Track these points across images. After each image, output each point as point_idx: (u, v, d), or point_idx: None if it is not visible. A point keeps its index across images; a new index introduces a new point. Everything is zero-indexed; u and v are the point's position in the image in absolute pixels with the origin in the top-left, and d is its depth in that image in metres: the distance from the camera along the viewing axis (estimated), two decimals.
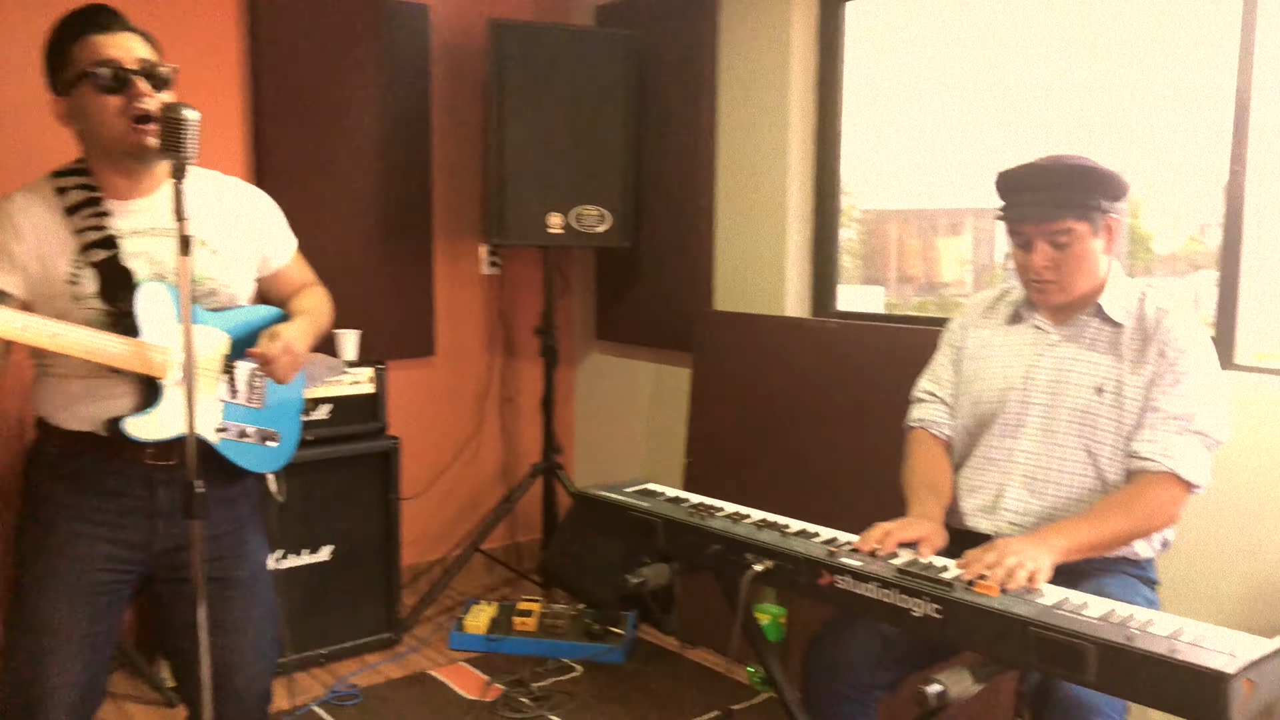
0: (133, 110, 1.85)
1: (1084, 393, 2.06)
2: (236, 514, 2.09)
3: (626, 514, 2.15)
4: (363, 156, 3.77)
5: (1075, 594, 1.68)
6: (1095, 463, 2.04)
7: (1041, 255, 2.04)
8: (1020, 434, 2.12)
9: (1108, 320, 2.08)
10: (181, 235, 1.78)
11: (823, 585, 1.80)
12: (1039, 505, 2.08)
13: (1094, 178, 2.00)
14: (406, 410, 3.98)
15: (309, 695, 3.20)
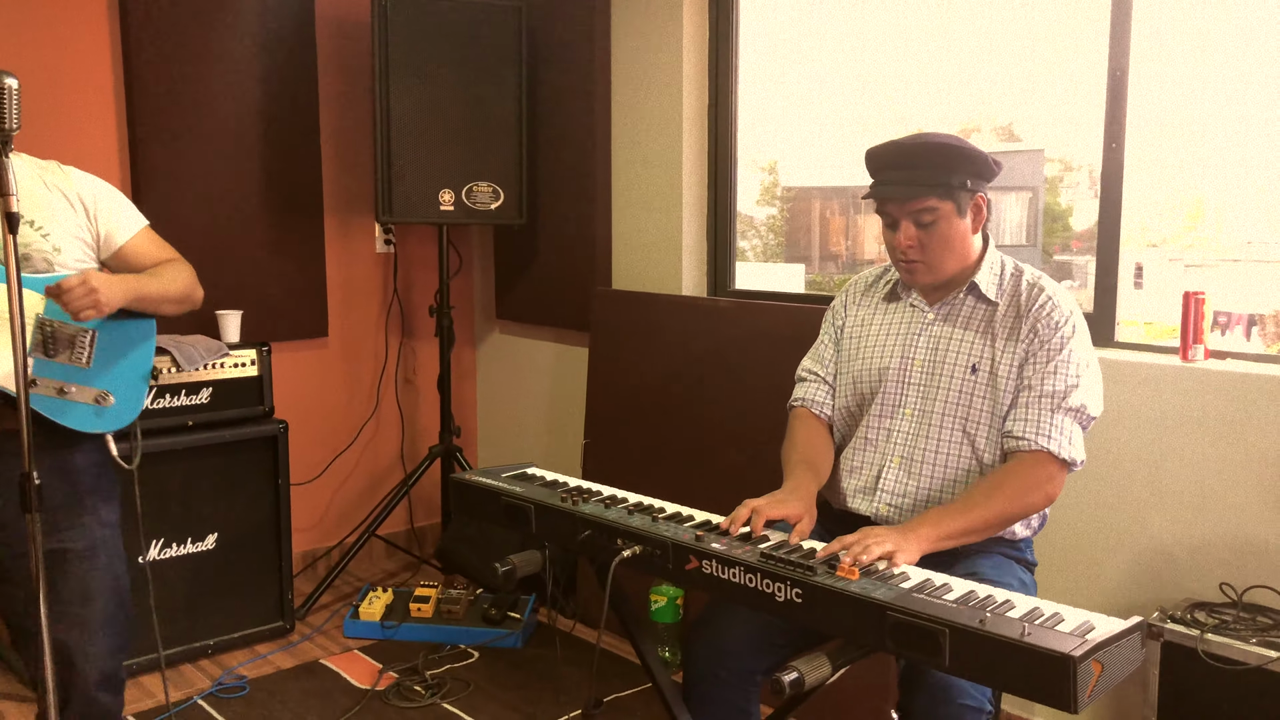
0: None
1: (959, 372, 2.05)
2: (73, 482, 2.05)
3: (500, 500, 2.10)
4: (245, 133, 3.62)
5: (939, 576, 1.67)
6: (972, 443, 2.04)
7: (906, 234, 2.02)
8: (898, 414, 2.11)
9: (982, 298, 2.07)
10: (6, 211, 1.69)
11: (690, 570, 1.77)
12: (915, 486, 2.08)
13: (958, 157, 1.98)
14: (299, 393, 3.87)
15: (195, 688, 3.10)
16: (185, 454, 3.19)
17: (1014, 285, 2.07)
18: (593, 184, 3.68)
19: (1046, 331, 1.99)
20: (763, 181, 3.79)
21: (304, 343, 3.88)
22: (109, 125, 3.40)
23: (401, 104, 3.46)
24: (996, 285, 2.07)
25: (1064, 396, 1.96)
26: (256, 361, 3.34)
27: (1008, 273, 2.09)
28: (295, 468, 3.82)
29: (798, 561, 1.65)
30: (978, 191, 2.01)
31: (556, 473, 2.25)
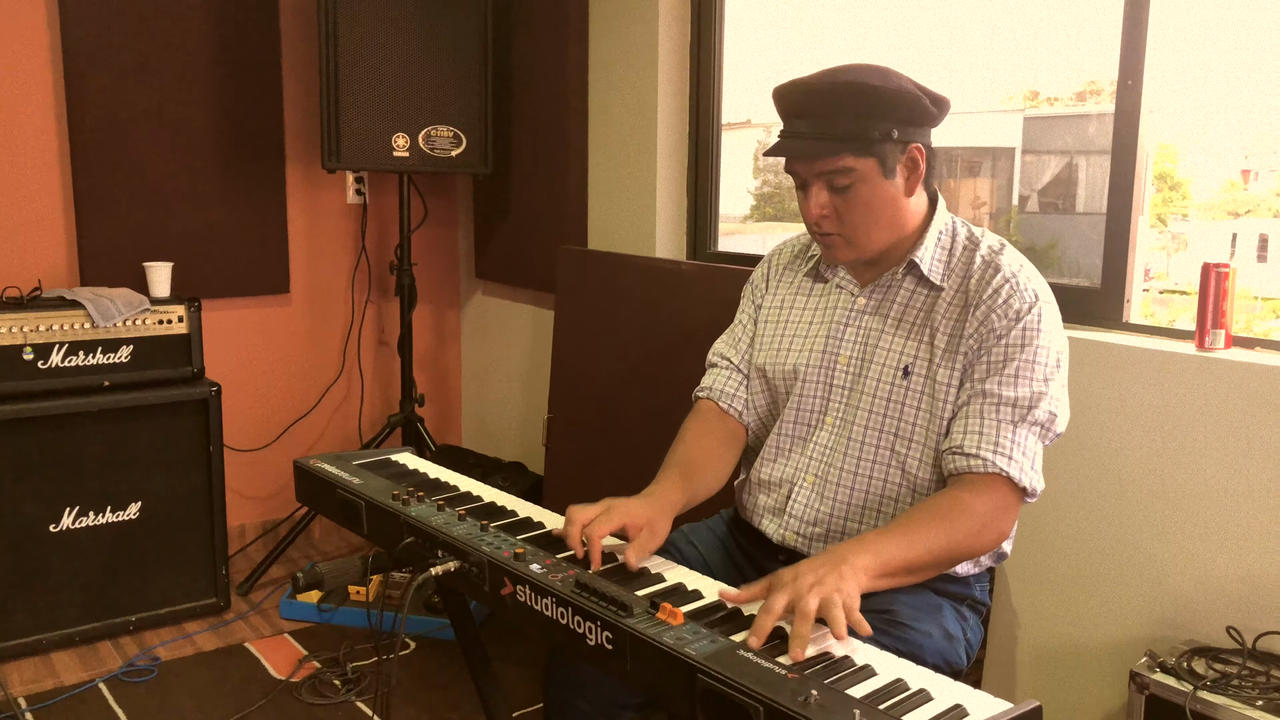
0: None
1: (888, 375, 1.63)
2: None
3: (335, 492, 1.78)
4: (195, 71, 3.35)
5: None
6: (902, 465, 1.63)
7: (817, 201, 1.59)
8: (818, 423, 1.71)
9: (923, 280, 1.65)
10: None
11: (505, 596, 1.42)
12: (828, 511, 1.67)
13: (878, 100, 1.53)
14: (253, 353, 3.61)
15: (104, 668, 2.88)
16: (103, 416, 2.95)
17: (966, 262, 1.63)
18: (564, 132, 3.31)
19: (1003, 323, 1.55)
20: None
21: (261, 299, 3.62)
22: (41, 48, 3.15)
23: (350, 36, 3.12)
24: (944, 263, 1.64)
25: (1029, 407, 1.52)
26: (185, 318, 3.07)
27: (959, 245, 1.65)
28: (249, 434, 3.59)
29: (613, 597, 1.28)
30: (911, 142, 1.57)
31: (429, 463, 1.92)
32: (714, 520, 1.91)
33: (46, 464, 2.88)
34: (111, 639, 3.05)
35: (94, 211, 3.24)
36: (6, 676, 2.78)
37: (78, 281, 3.26)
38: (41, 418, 2.85)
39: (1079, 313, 2.16)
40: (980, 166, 3.25)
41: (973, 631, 1.65)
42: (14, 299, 2.87)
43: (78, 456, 2.93)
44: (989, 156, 3.16)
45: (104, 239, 3.26)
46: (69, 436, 2.91)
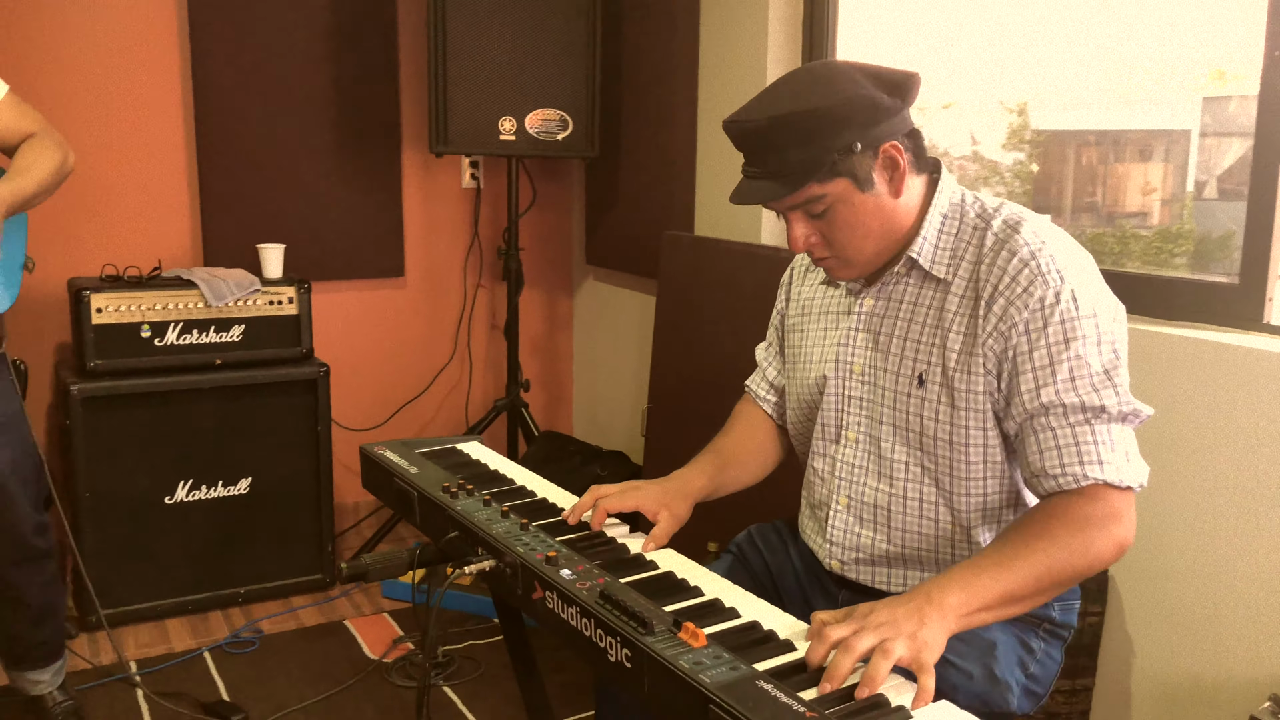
0: None
1: (902, 384, 1.47)
2: None
3: (393, 480, 1.75)
4: (315, 59, 3.40)
5: None
6: (935, 480, 1.46)
7: (799, 233, 1.44)
8: (842, 438, 1.57)
9: (927, 276, 1.47)
10: None
11: (535, 600, 1.35)
12: (870, 538, 1.53)
13: (822, 121, 1.35)
14: (367, 335, 3.67)
15: (211, 638, 2.97)
16: (215, 393, 3.04)
17: (975, 246, 1.43)
18: (672, 115, 3.22)
19: (1027, 314, 1.34)
20: (1010, 124, 3.17)
21: (376, 282, 3.67)
22: (170, 41, 3.25)
23: (459, 20, 3.11)
24: (949, 252, 1.44)
25: (1099, 408, 1.32)
26: (295, 299, 3.13)
27: (967, 227, 1.44)
28: (363, 414, 3.66)
29: (635, 611, 1.19)
30: (881, 142, 1.39)
31: (494, 454, 1.88)
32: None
33: (162, 438, 2.99)
34: (222, 609, 3.14)
35: (216, 195, 3.34)
36: (123, 640, 2.90)
37: (201, 262, 3.37)
38: (157, 393, 2.95)
39: (1212, 311, 1.94)
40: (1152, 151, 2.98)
41: (1042, 665, 1.48)
42: (134, 278, 2.98)
43: (191, 431, 3.03)
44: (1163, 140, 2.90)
45: (226, 222, 3.36)
46: (183, 412, 3.00)
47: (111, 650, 2.86)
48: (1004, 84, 2.86)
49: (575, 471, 3.26)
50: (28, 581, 2.37)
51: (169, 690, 2.65)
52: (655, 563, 1.40)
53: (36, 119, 2.18)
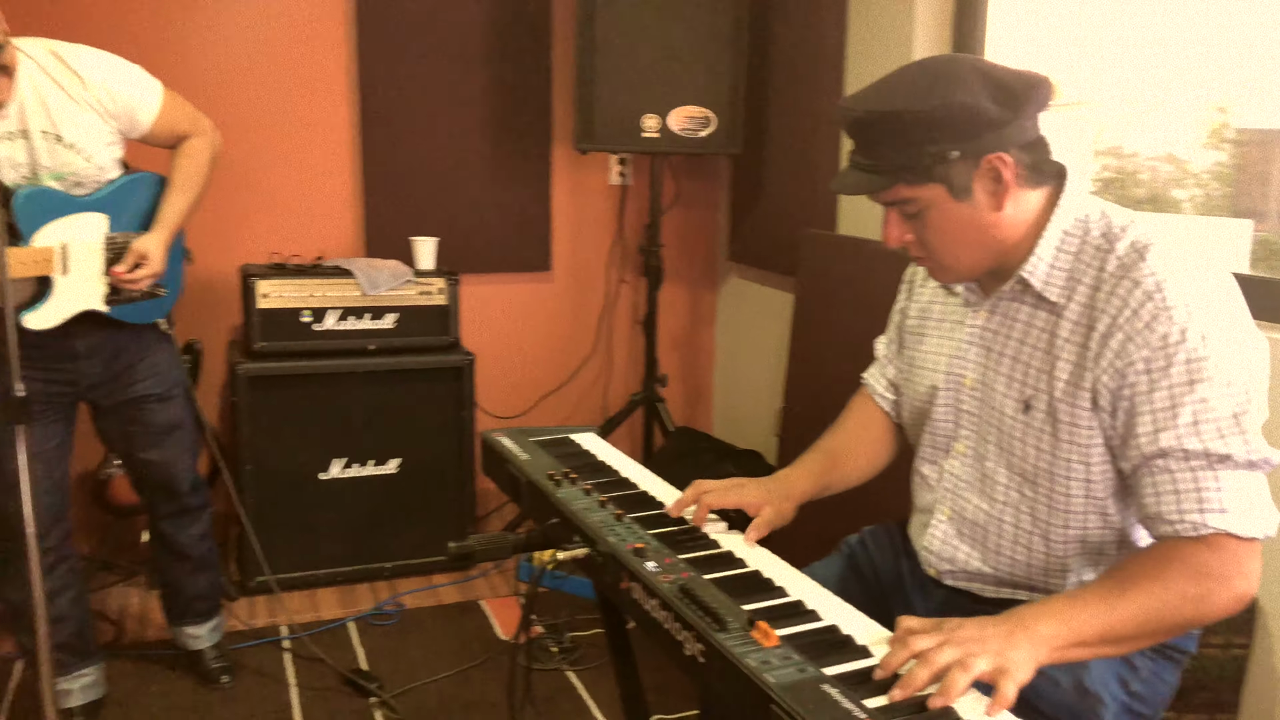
0: None
1: (1009, 407, 1.41)
2: (142, 346, 2.40)
3: (505, 466, 1.80)
4: (473, 57, 3.54)
5: None
6: (1032, 510, 1.40)
7: (894, 228, 1.40)
8: (948, 448, 1.52)
9: (1040, 299, 1.39)
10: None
11: (623, 589, 1.38)
12: (966, 555, 1.48)
13: (916, 125, 1.30)
14: (513, 326, 3.79)
15: (355, 609, 3.14)
16: (368, 377, 3.20)
17: (1095, 269, 1.33)
18: (817, 112, 3.18)
19: (1148, 353, 1.25)
20: (1212, 122, 3.02)
21: (523, 275, 3.78)
22: (339, 44, 3.44)
23: (607, 18, 3.17)
24: (1065, 274, 1.36)
25: (1225, 456, 1.22)
26: (445, 290, 3.26)
27: (1089, 246, 1.34)
28: (507, 402, 3.77)
29: (712, 608, 1.20)
30: (984, 154, 1.31)
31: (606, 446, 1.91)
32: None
33: (318, 417, 3.17)
34: (368, 582, 3.31)
35: (378, 190, 3.52)
36: (279, 605, 3.10)
37: (363, 253, 3.56)
38: (315, 375, 3.14)
39: None
40: None
41: (1148, 685, 1.39)
42: (298, 266, 3.17)
43: (346, 412, 3.20)
44: None
45: (385, 215, 3.53)
46: (339, 393, 3.18)
47: (265, 614, 3.06)
48: (1200, 81, 2.68)
49: (708, 469, 3.27)
50: (184, 533, 2.61)
51: (314, 655, 2.82)
52: (744, 561, 1.40)
53: (188, 116, 2.35)
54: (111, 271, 2.25)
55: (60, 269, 2.18)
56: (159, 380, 2.45)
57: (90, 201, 2.23)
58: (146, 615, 3.05)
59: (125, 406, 2.42)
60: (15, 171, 2.10)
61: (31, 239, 2.12)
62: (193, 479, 2.59)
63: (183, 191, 2.35)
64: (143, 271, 2.27)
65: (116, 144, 2.25)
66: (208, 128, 2.39)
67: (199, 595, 2.69)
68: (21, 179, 2.11)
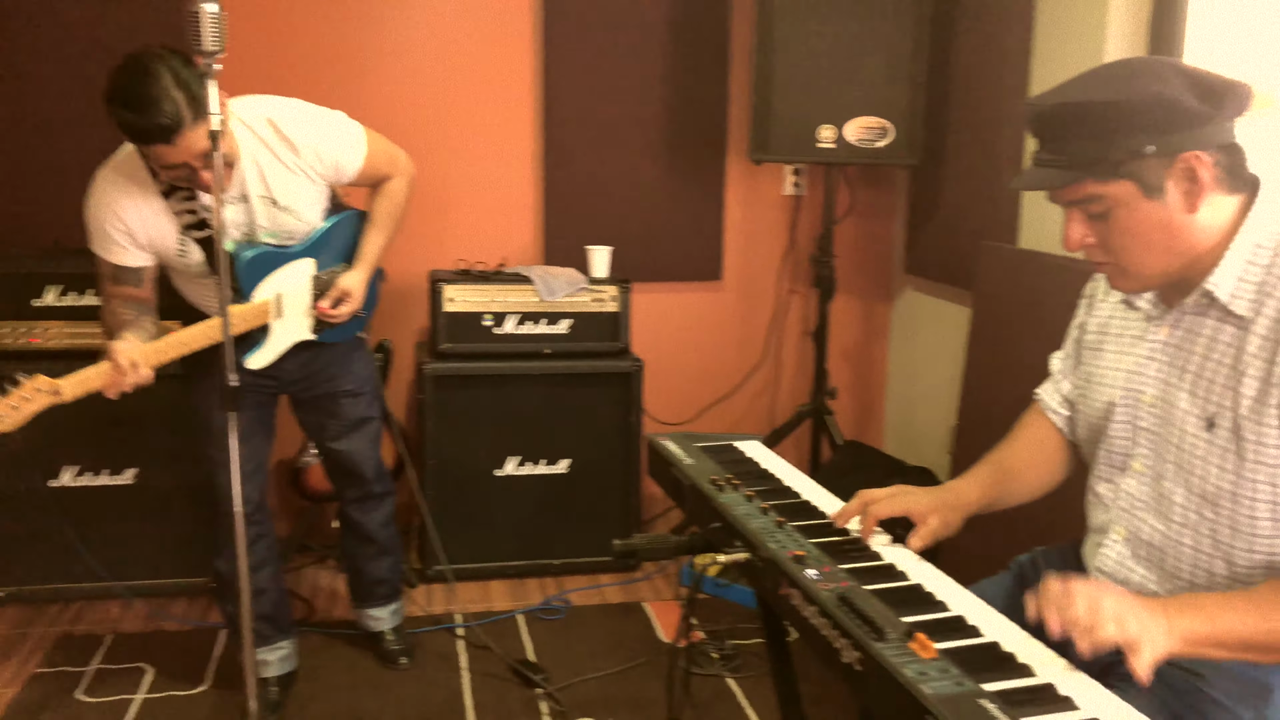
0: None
1: (1191, 424, 1.35)
2: (339, 351, 2.59)
3: (670, 469, 1.85)
4: (651, 70, 3.62)
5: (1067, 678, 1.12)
6: (1213, 533, 1.33)
7: (1076, 229, 1.36)
8: (1125, 465, 1.47)
9: (1227, 312, 1.32)
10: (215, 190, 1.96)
11: (782, 595, 1.40)
12: (1141, 578, 1.43)
13: (1111, 116, 1.26)
14: (682, 334, 3.84)
15: (524, 602, 3.26)
16: (542, 379, 3.32)
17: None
18: (999, 121, 3.10)
19: None
20: None
21: (693, 284, 3.83)
22: (525, 57, 3.59)
23: (783, 28, 3.18)
24: (1255, 287, 1.30)
25: None
26: (617, 298, 3.35)
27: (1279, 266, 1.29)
28: (674, 408, 3.83)
29: (870, 617, 1.20)
30: (1181, 152, 1.26)
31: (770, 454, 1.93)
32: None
33: (495, 417, 3.31)
34: (537, 577, 3.43)
35: (557, 199, 3.65)
36: (454, 594, 3.25)
37: (541, 261, 3.69)
38: (494, 375, 3.28)
39: None
40: None
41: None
42: (481, 272, 3.33)
43: (520, 412, 3.33)
44: None
45: (563, 224, 3.65)
46: (515, 394, 3.31)
47: (440, 602, 3.22)
48: None
49: (876, 485, 3.20)
50: (369, 519, 2.78)
51: (484, 644, 2.95)
52: (905, 574, 1.40)
53: (388, 158, 2.50)
54: (318, 307, 2.45)
55: (275, 315, 2.38)
56: (352, 378, 2.64)
57: (299, 251, 2.42)
58: (335, 596, 3.26)
59: (320, 400, 2.62)
60: (235, 231, 2.29)
61: (252, 295, 2.32)
62: (377, 468, 2.75)
63: (381, 230, 2.54)
64: (345, 307, 2.46)
65: (324, 196, 2.43)
66: (404, 166, 2.54)
67: (381, 579, 2.86)
68: (240, 238, 2.31)
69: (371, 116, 3.43)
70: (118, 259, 2.22)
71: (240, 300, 2.28)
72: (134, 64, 1.98)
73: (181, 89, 1.96)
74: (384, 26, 3.47)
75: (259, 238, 2.34)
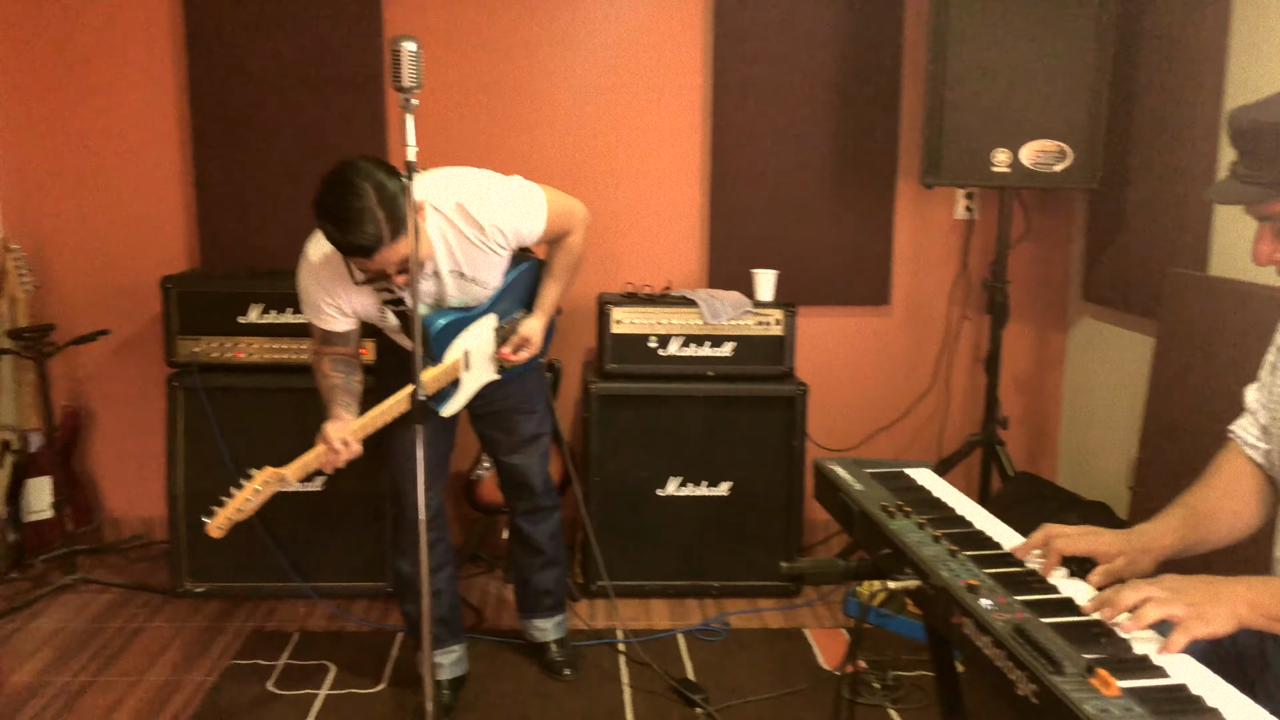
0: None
1: None
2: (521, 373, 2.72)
3: (838, 494, 1.85)
4: (821, 92, 3.62)
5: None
6: None
7: (1264, 245, 1.34)
8: None
9: None
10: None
11: (954, 625, 1.38)
12: None
13: None
14: (846, 359, 3.82)
15: (684, 622, 3.29)
16: (704, 401, 3.36)
17: None
18: (1187, 138, 2.96)
19: None
20: None
21: (859, 309, 3.80)
22: (694, 80, 3.66)
23: (957, 50, 3.13)
24: None
25: None
26: (782, 322, 3.36)
27: None
28: (837, 434, 3.81)
29: (1049, 650, 1.18)
30: None
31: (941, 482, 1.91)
32: None
33: (658, 437, 3.37)
34: (696, 598, 3.46)
35: (723, 223, 3.69)
36: (615, 610, 3.31)
37: (705, 284, 3.74)
38: (658, 397, 3.34)
39: None
40: None
41: None
42: (647, 296, 3.40)
43: (683, 434, 3.37)
44: None
45: (728, 247, 3.69)
46: (677, 415, 3.36)
47: (602, 617, 3.29)
48: None
49: (1050, 518, 3.05)
50: (537, 530, 2.89)
51: (645, 661, 2.99)
52: (1086, 609, 1.36)
53: (565, 215, 2.58)
54: (500, 352, 2.61)
55: (464, 369, 2.55)
56: (526, 397, 2.78)
57: (483, 310, 2.57)
58: (502, 605, 3.38)
59: (497, 415, 2.74)
60: (427, 299, 2.47)
61: (443, 357, 2.47)
62: (546, 482, 2.86)
63: (559, 281, 2.69)
64: (525, 352, 2.63)
65: (508, 260, 2.55)
66: (581, 219, 2.64)
67: (547, 590, 2.95)
68: (431, 305, 2.49)
69: (541, 143, 3.61)
70: (327, 325, 2.43)
71: (432, 362, 2.44)
72: (341, 178, 2.13)
73: (384, 207, 2.11)
74: (553, 54, 3.61)
75: (447, 304, 2.51)
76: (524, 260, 2.69)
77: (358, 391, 2.46)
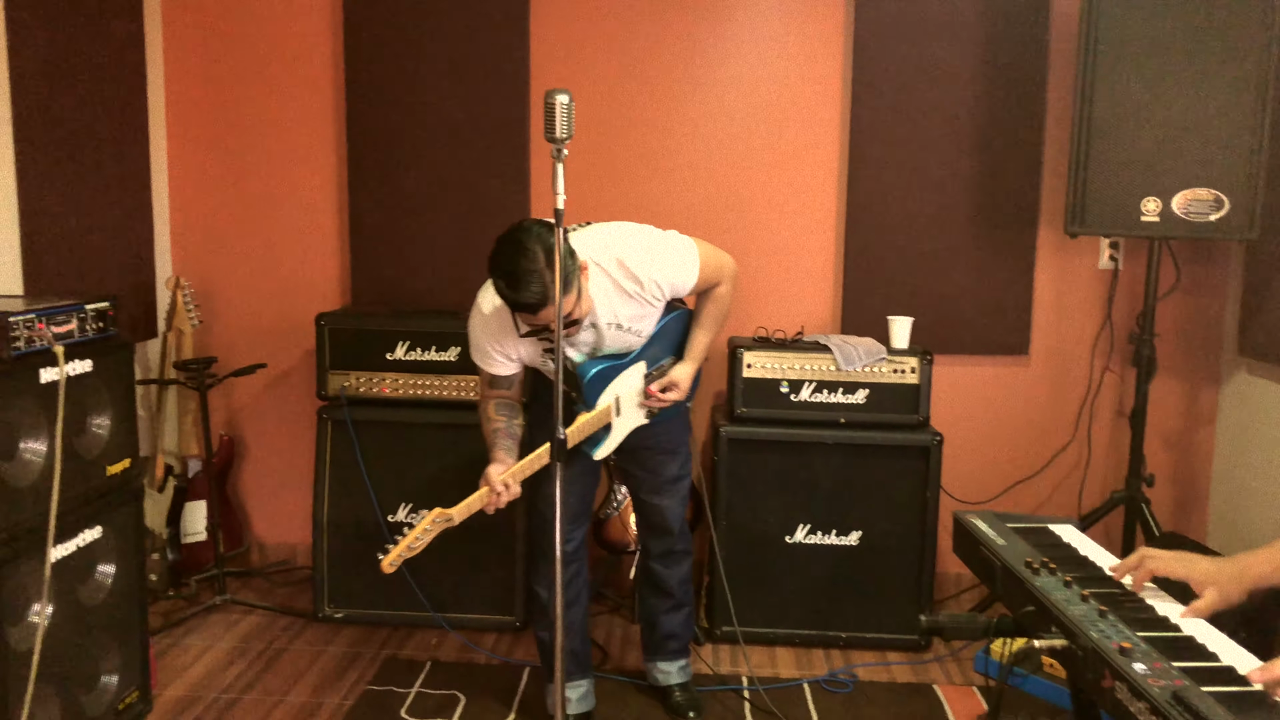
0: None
1: None
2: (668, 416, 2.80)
3: (979, 549, 1.82)
4: (960, 139, 3.59)
5: None
6: None
7: None
8: None
9: None
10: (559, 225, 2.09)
11: (1105, 688, 1.34)
12: None
13: None
14: (982, 409, 3.74)
15: (811, 671, 3.25)
16: (836, 449, 3.33)
17: None
18: None
19: None
20: None
21: (997, 358, 3.72)
22: (832, 124, 3.67)
23: (1105, 96, 3.07)
24: None
25: None
26: (917, 370, 3.31)
27: None
28: (972, 486, 3.73)
29: (1207, 718, 1.14)
30: None
31: (1086, 539, 1.85)
32: None
33: (787, 483, 3.35)
34: (823, 648, 3.41)
35: (857, 268, 3.68)
36: (741, 656, 3.29)
37: (838, 330, 3.72)
38: (789, 443, 3.33)
39: None
40: None
41: None
42: (779, 340, 3.40)
43: (813, 480, 3.35)
44: None
45: (863, 293, 3.67)
46: (808, 462, 3.34)
47: (727, 662, 3.27)
48: None
49: None
50: (670, 573, 2.92)
51: (771, 709, 2.96)
52: (1246, 679, 1.30)
53: (715, 267, 2.65)
54: (648, 389, 2.69)
55: (615, 415, 2.63)
56: (671, 439, 2.83)
57: (634, 358, 2.66)
58: (627, 645, 3.39)
59: (640, 453, 2.80)
60: (584, 347, 2.58)
61: (595, 404, 2.56)
62: (682, 525, 2.90)
63: (708, 330, 2.77)
64: (672, 395, 2.70)
65: (661, 310, 2.63)
66: (729, 272, 2.71)
67: (673, 633, 2.95)
68: (587, 353, 2.59)
69: (677, 188, 3.68)
70: (495, 370, 2.57)
71: (585, 409, 2.54)
72: (513, 240, 2.27)
73: (550, 269, 2.22)
74: (692, 102, 3.68)
75: (602, 351, 2.60)
76: (673, 309, 2.75)
77: (519, 435, 2.57)
